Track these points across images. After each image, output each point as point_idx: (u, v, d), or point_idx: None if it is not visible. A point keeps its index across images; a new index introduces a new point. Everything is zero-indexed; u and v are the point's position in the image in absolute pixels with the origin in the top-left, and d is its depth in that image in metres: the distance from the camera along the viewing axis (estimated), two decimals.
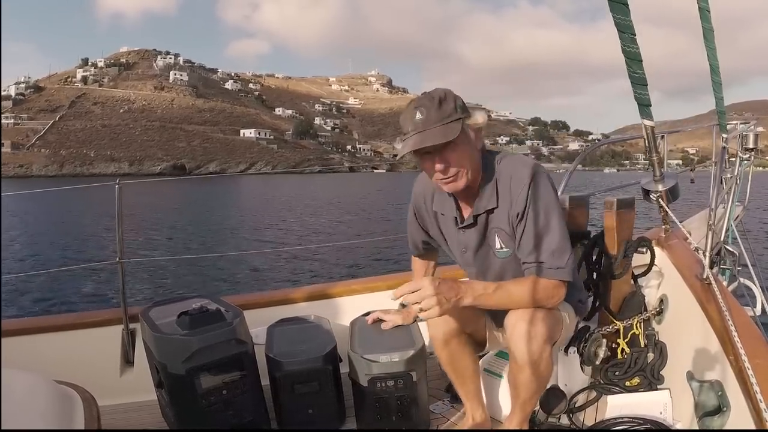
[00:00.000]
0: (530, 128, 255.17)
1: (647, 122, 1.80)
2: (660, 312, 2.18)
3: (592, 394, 2.02)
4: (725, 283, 2.61)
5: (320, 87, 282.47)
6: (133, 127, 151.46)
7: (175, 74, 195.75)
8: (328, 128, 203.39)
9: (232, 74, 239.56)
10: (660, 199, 2.09)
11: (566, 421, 1.89)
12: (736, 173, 2.68)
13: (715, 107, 2.29)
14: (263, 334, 2.08)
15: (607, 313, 2.14)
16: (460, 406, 1.99)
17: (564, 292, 1.53)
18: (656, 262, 2.25)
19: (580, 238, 2.13)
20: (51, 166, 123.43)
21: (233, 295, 3.01)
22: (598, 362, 2.01)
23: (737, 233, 3.01)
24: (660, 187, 2.09)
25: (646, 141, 1.93)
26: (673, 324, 2.10)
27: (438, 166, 1.48)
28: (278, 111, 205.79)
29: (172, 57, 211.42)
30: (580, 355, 1.96)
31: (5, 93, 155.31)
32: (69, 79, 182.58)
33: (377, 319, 2.00)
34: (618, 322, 2.09)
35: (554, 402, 1.85)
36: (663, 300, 2.20)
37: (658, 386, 1.96)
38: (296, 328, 2.14)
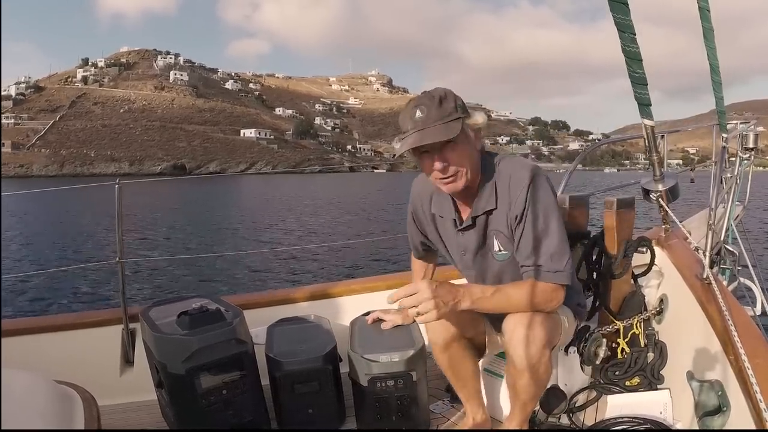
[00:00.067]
0: (530, 128, 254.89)
1: (647, 122, 1.80)
2: (660, 312, 2.18)
3: (592, 393, 2.02)
4: (725, 283, 2.61)
5: (320, 87, 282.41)
6: (133, 127, 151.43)
7: (176, 74, 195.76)
8: (329, 128, 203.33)
9: (233, 74, 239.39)
10: (660, 199, 2.09)
11: (566, 421, 1.89)
12: (736, 173, 2.68)
13: (715, 107, 2.29)
14: (263, 334, 2.08)
15: (607, 312, 2.14)
16: (460, 406, 1.99)
17: (563, 295, 1.52)
18: (656, 261, 2.25)
19: (580, 237, 2.13)
20: (51, 166, 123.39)
21: (233, 295, 3.01)
22: (598, 362, 2.01)
23: (737, 233, 3.01)
24: (660, 187, 2.09)
25: (646, 141, 1.92)
26: (673, 324, 2.10)
27: (437, 165, 1.46)
28: (278, 111, 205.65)
29: (173, 57, 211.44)
30: (580, 354, 1.96)
31: (5, 93, 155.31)
32: (69, 79, 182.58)
33: (377, 319, 2.00)
34: (618, 322, 2.09)
35: (554, 402, 1.85)
36: (663, 300, 2.20)
37: (658, 386, 1.95)
38: (296, 327, 2.14)
